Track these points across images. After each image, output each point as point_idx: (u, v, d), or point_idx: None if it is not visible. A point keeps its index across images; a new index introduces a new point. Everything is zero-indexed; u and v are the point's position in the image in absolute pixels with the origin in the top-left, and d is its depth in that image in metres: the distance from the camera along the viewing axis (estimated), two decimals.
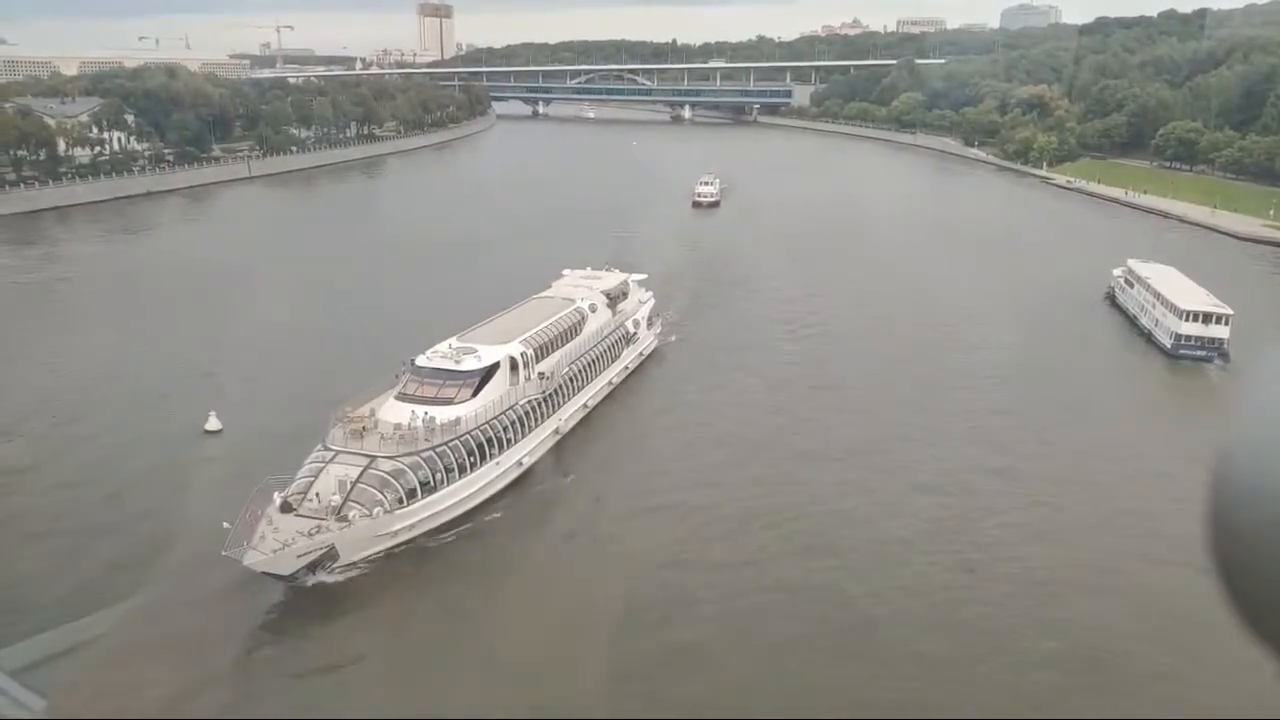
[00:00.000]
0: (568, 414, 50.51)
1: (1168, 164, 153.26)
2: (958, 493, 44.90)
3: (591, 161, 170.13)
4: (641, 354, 62.21)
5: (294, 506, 38.25)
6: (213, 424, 49.54)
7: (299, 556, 36.12)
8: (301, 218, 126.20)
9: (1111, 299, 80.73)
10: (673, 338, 67.35)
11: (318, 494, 39.04)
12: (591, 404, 53.59)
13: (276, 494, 38.72)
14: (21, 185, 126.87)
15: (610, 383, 56.60)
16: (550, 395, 48.90)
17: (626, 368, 59.42)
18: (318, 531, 36.68)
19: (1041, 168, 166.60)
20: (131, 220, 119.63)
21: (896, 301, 78.83)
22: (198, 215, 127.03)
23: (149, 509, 42.03)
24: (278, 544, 35.59)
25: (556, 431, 49.10)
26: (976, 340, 69.35)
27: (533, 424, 46.80)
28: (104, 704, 27.79)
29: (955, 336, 69.90)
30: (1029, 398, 58.59)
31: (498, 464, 43.87)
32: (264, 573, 35.53)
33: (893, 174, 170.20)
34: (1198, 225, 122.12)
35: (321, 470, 39.84)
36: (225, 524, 35.05)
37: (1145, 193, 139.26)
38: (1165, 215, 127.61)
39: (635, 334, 61.22)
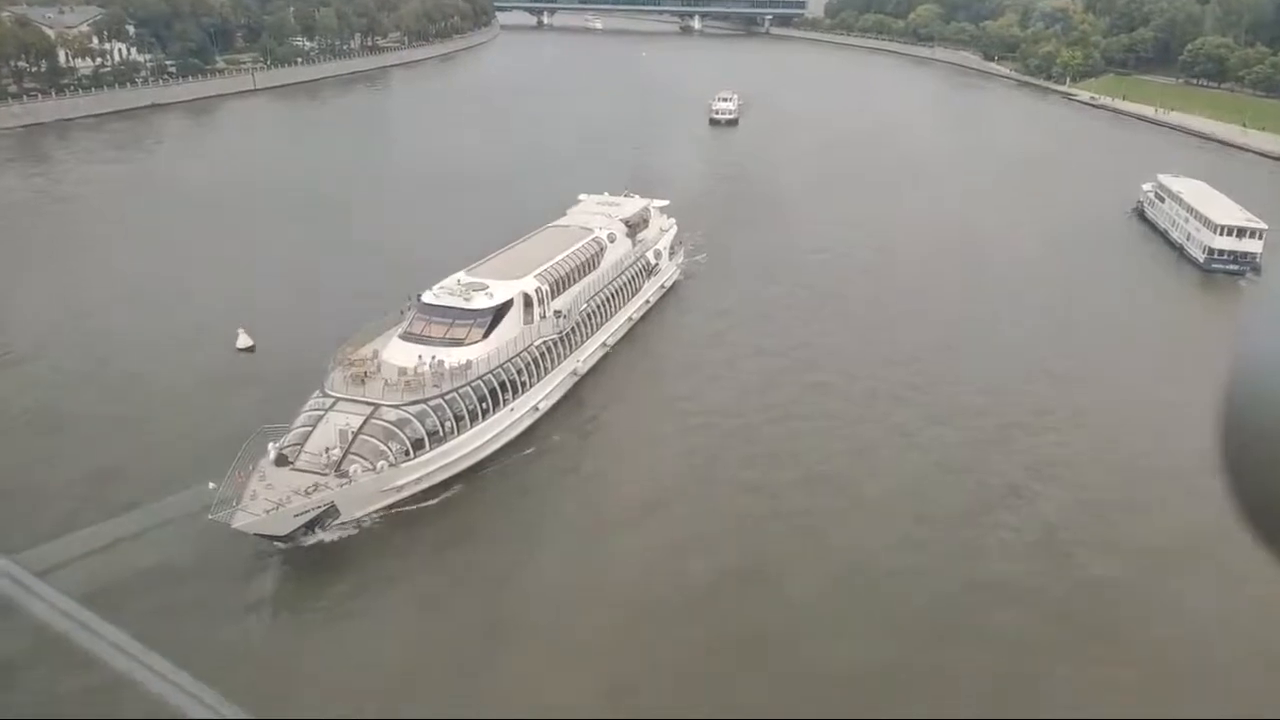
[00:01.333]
0: (586, 354, 46.06)
1: (1195, 81, 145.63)
2: (981, 412, 43.13)
3: (601, 74, 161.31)
4: (663, 286, 57.18)
5: (290, 460, 34.29)
6: (243, 341, 47.25)
7: (295, 516, 32.28)
8: (310, 133, 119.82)
9: (1140, 214, 79.27)
10: (696, 265, 62.17)
11: (317, 445, 35.08)
12: (611, 342, 48.95)
13: (271, 445, 34.72)
14: (23, 98, 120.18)
15: (630, 319, 51.79)
16: (567, 335, 44.44)
17: (648, 302, 54.49)
18: (315, 489, 32.74)
19: (1064, 83, 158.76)
20: (138, 134, 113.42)
21: (921, 219, 75.43)
22: (205, 130, 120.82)
23: (190, 423, 39.72)
24: (271, 503, 31.65)
25: (574, 373, 44.75)
26: (1003, 255, 67.21)
27: (548, 366, 42.44)
28: (122, 603, 27.64)
29: (982, 252, 67.51)
30: (1055, 312, 56.84)
31: (512, 410, 39.68)
32: (257, 534, 31.80)
33: (911, 89, 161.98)
34: (1227, 144, 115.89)
35: (320, 419, 35.73)
36: (211, 484, 31.08)
37: (1172, 110, 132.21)
38: (1193, 133, 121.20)
39: (657, 265, 55.97)
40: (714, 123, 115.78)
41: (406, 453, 35.34)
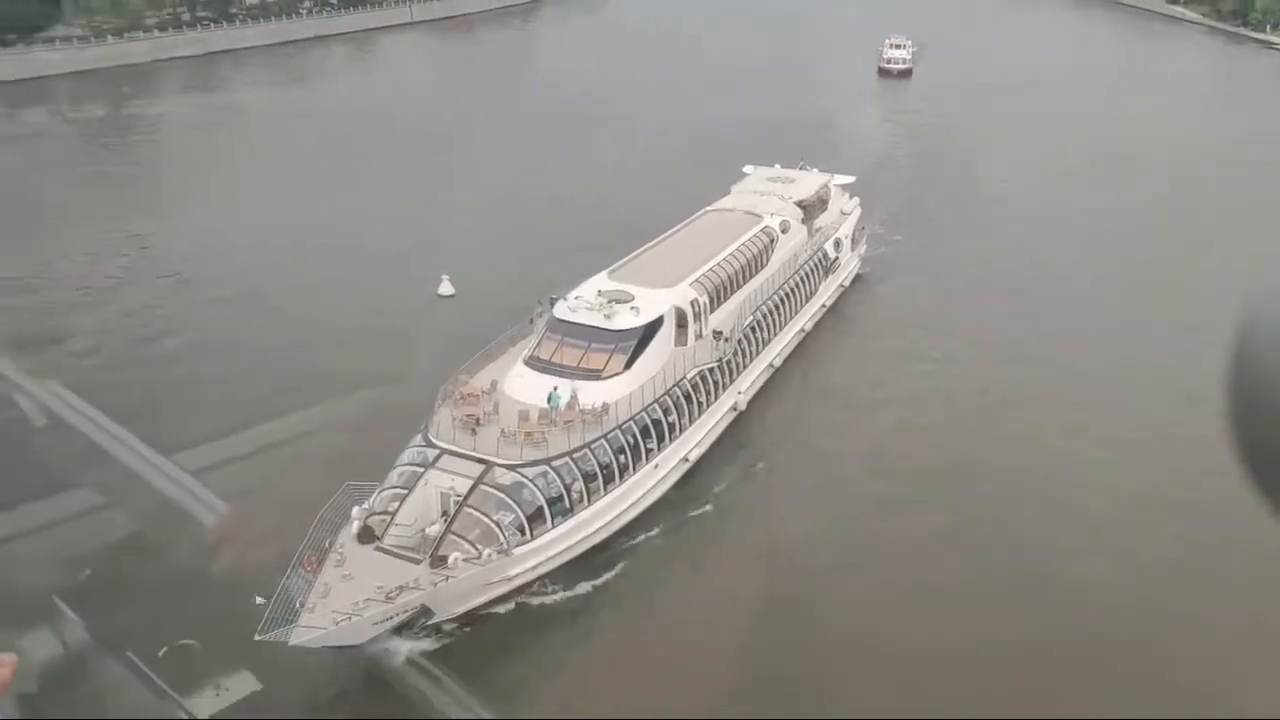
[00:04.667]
0: (749, 382, 34.84)
1: None
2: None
3: (756, 7, 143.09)
4: (842, 285, 44.20)
5: (377, 534, 24.92)
6: (445, 289, 42.80)
7: (375, 625, 23.06)
8: (479, 66, 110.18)
9: None
10: (878, 255, 48.25)
11: (411, 514, 25.69)
12: (778, 363, 37.28)
13: (356, 511, 25.50)
14: (197, 26, 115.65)
15: (803, 330, 39.74)
16: (727, 359, 33.48)
17: (824, 305, 41.93)
18: (401, 591, 23.31)
19: (1264, 31, 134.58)
20: (309, 66, 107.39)
21: (1133, 201, 58.64)
22: (371, 63, 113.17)
23: (368, 360, 36.39)
24: (342, 611, 22.34)
25: (734, 408, 33.78)
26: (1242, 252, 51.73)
27: (704, 403, 31.72)
28: (268, 506, 27.06)
29: (1217, 236, 52.56)
30: None
31: (657, 467, 29.39)
32: (324, 647, 22.71)
33: (1086, 39, 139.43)
34: None
35: (419, 479, 26.21)
36: (258, 599, 21.95)
37: None
38: None
39: (836, 259, 42.98)
40: (884, 73, 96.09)
41: (522, 530, 25.58)
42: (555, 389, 28.81)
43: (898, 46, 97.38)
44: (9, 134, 76.27)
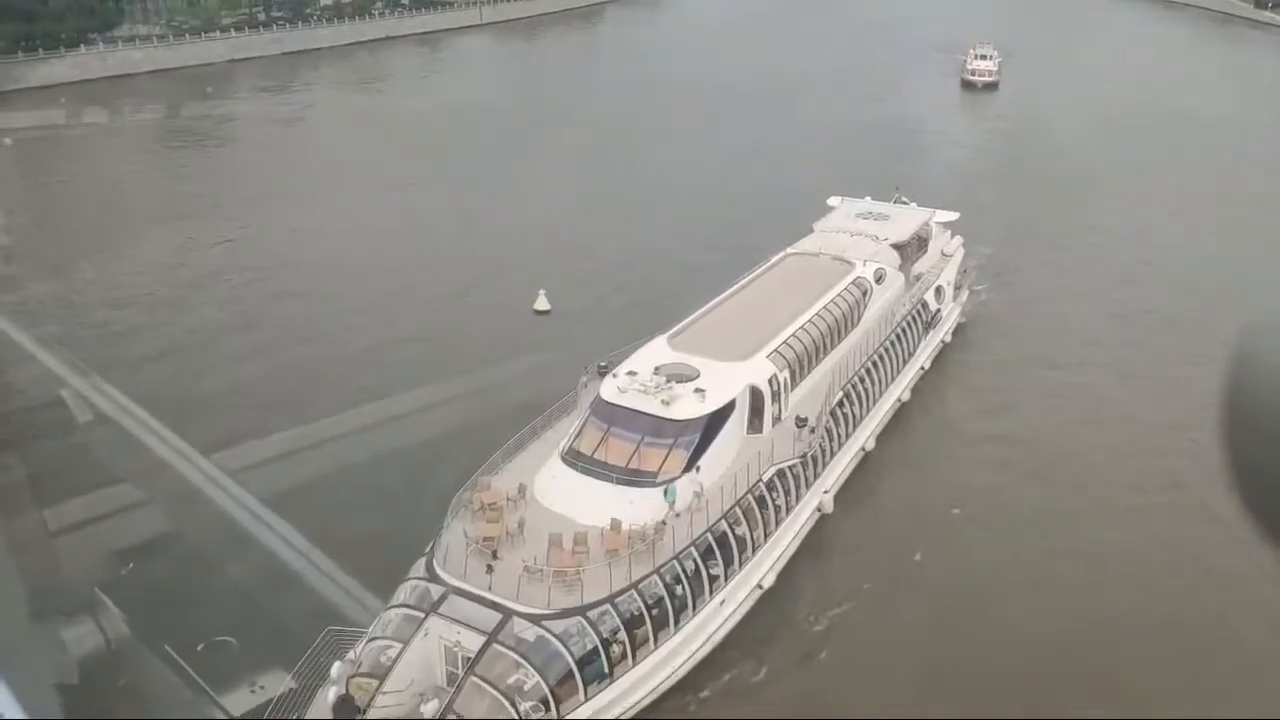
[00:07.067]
0: (835, 473, 26.93)
1: None
2: None
3: (819, 12, 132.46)
4: (943, 341, 35.22)
5: (359, 706, 18.05)
6: (542, 304, 39.42)
7: None
8: (552, 68, 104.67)
9: None
10: (981, 297, 39.20)
11: (405, 678, 18.71)
12: (870, 445, 29.10)
13: (336, 668, 18.72)
14: (273, 26, 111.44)
15: (899, 400, 31.38)
16: (813, 453, 25.67)
17: (922, 368, 33.20)
18: None
19: None
20: (384, 67, 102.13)
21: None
22: (442, 65, 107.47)
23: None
24: None
25: (818, 510, 26.11)
26: None
27: (784, 508, 24.13)
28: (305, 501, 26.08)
29: None
30: None
31: (723, 603, 21.95)
32: None
33: (1173, 47, 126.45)
34: None
35: (417, 629, 19.18)
36: None
37: None
38: None
39: (938, 311, 34.13)
40: (967, 85, 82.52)
41: (545, 703, 18.45)
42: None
43: (983, 57, 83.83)
44: (87, 132, 72.44)
